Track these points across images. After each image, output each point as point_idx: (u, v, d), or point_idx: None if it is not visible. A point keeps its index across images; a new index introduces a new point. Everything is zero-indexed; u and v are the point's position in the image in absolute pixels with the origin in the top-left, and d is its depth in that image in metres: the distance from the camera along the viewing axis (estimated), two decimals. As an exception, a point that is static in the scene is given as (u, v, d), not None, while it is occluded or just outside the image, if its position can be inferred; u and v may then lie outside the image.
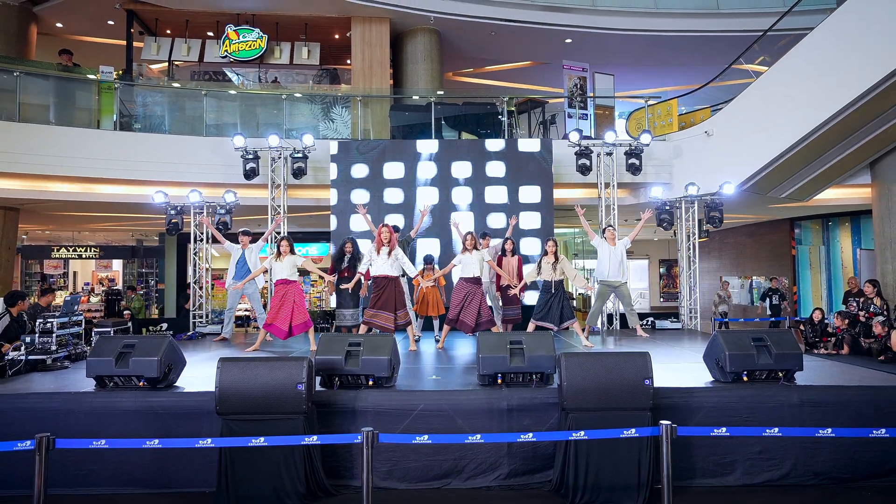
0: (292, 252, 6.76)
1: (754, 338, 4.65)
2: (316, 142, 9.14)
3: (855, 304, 8.56)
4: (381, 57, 11.92)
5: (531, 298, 8.10)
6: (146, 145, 9.27)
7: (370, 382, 4.54)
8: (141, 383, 4.53)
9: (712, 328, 9.34)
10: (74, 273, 16.48)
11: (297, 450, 4.00)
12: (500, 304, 7.56)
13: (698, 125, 9.88)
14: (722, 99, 10.25)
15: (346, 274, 7.21)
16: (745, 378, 4.60)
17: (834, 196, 10.28)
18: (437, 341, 7.13)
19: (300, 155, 9.07)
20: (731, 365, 4.56)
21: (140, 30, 12.38)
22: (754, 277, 15.31)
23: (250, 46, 11.93)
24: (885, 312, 7.93)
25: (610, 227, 7.80)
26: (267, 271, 6.66)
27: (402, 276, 6.86)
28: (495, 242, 8.25)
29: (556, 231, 9.55)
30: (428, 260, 7.38)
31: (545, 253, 7.07)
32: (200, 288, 9.30)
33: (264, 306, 8.35)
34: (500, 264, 7.48)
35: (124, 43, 12.12)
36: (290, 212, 9.96)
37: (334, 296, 7.57)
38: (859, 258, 11.71)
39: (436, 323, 7.70)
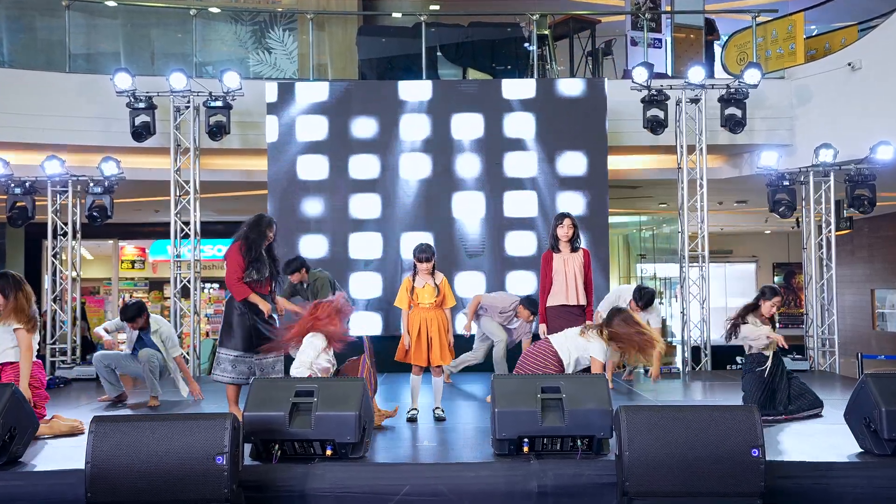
0: None
1: (928, 386, 4.62)
2: (244, 83, 9.12)
3: None
4: (343, -48, 11.95)
5: None
6: (-28, 85, 9.25)
7: (328, 452, 4.50)
8: (-33, 458, 4.47)
9: (858, 370, 9.33)
10: None
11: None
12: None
13: (836, 53, 9.85)
14: (877, 10, 10.19)
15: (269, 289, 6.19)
16: (915, 448, 4.56)
17: None
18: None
19: (220, 103, 9.05)
20: (890, 428, 4.50)
21: None
22: (926, 292, 15.29)
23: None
24: None
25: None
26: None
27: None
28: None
29: (611, 220, 9.56)
30: (422, 253, 6.03)
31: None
32: (63, 308, 9.27)
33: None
34: (548, 266, 6.61)
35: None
36: (206, 190, 9.94)
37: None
38: None
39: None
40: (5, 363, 5.32)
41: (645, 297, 7.57)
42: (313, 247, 9.00)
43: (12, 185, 8.85)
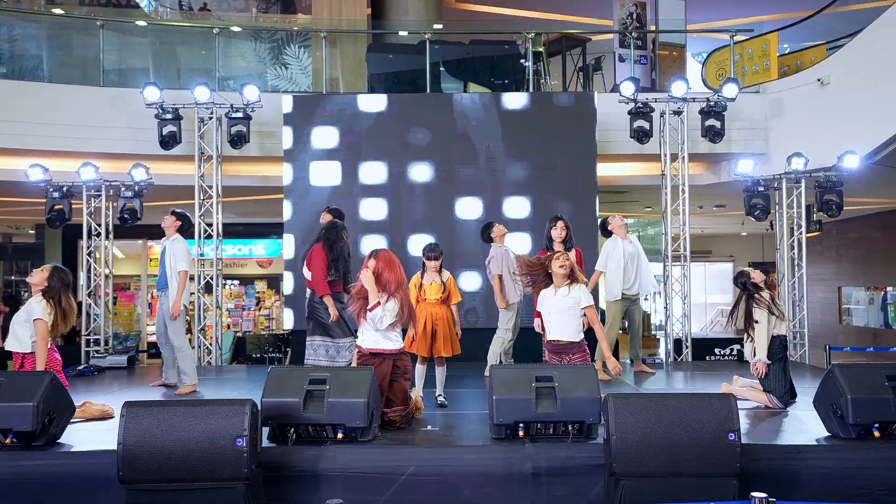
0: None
1: (890, 375, 4.63)
2: (263, 96, 9.14)
3: None
4: (354, -25, 11.97)
5: None
6: (15, 98, 9.25)
7: (339, 435, 4.53)
8: (8, 440, 4.48)
9: (826, 361, 9.33)
10: None
11: (235, 532, 3.98)
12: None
13: (807, 70, 9.84)
14: (844, 31, 10.20)
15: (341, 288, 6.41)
16: (877, 433, 4.58)
17: None
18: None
19: (240, 114, 9.07)
20: (855, 414, 4.54)
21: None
22: (889, 289, 15.29)
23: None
24: None
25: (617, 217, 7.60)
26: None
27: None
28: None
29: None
30: (430, 252, 6.05)
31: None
32: (97, 302, 9.28)
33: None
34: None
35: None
36: (228, 194, 9.96)
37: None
38: None
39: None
40: (28, 353, 5.32)
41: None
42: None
43: (51, 189, 8.88)
